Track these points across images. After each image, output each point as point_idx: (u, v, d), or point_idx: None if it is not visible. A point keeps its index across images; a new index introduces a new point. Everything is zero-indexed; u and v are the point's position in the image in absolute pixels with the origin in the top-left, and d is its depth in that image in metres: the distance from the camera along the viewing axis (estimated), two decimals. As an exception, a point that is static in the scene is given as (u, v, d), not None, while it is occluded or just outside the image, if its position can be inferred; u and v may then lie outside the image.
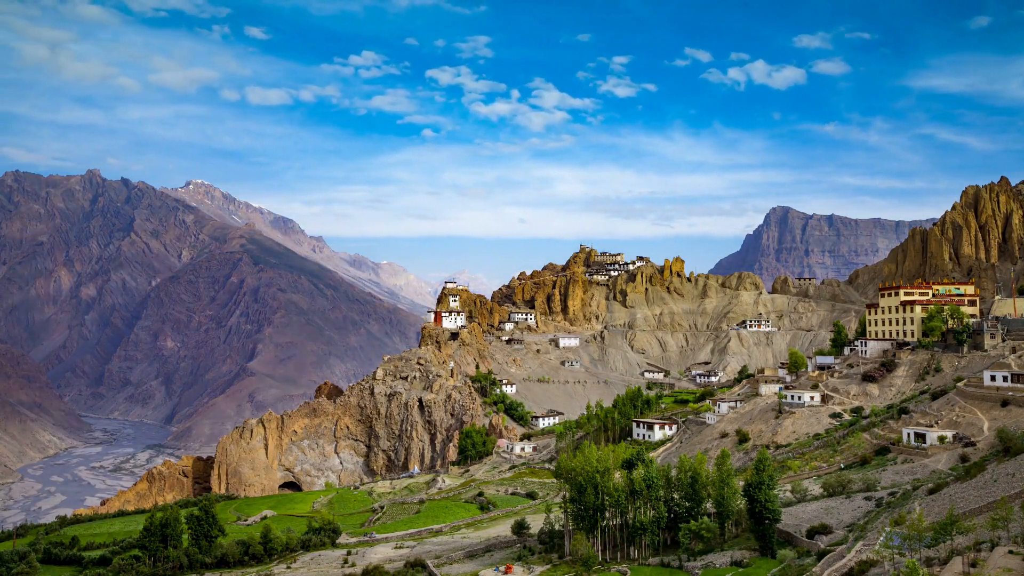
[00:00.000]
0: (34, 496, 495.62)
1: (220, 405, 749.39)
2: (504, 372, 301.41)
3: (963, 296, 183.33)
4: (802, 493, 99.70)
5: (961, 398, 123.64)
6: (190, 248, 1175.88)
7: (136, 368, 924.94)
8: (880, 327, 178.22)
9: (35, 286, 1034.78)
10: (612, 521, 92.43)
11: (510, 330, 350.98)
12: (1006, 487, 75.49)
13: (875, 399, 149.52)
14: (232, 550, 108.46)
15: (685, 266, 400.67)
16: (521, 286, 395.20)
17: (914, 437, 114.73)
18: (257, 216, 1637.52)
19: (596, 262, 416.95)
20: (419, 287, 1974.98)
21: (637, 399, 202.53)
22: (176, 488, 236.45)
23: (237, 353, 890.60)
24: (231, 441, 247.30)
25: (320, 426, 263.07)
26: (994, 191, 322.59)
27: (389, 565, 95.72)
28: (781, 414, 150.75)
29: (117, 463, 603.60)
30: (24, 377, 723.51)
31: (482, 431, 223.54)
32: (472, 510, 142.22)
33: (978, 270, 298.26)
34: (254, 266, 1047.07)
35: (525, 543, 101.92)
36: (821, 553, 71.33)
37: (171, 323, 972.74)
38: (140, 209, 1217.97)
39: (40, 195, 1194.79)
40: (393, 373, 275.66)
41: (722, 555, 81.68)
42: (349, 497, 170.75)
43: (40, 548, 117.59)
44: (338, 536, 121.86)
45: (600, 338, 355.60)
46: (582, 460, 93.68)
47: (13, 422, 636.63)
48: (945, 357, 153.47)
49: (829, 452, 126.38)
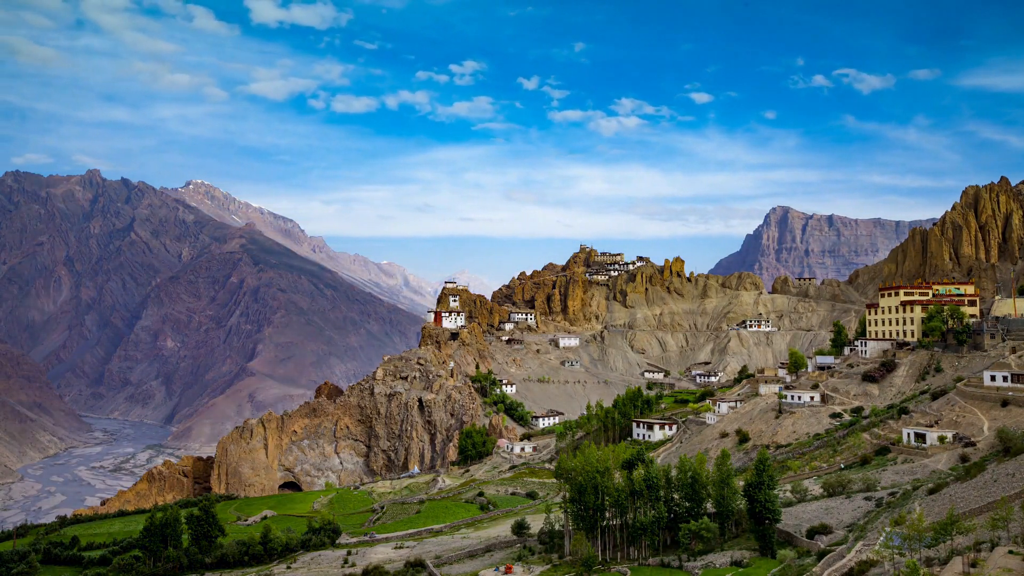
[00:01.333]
0: (34, 496, 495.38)
1: (220, 405, 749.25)
2: (504, 372, 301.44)
3: (963, 296, 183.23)
4: (802, 493, 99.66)
5: (961, 398, 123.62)
6: (190, 248, 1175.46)
7: (136, 368, 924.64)
8: (880, 327, 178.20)
9: (35, 286, 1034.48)
10: (612, 521, 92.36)
11: (510, 330, 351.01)
12: (1006, 487, 75.47)
13: (875, 399, 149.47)
14: (232, 550, 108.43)
15: (685, 266, 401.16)
16: (521, 286, 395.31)
17: (914, 437, 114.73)
18: (257, 216, 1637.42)
19: (596, 262, 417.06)
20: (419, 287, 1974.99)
21: (637, 399, 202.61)
22: (176, 488, 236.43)
23: (237, 353, 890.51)
24: (231, 441, 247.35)
25: (320, 426, 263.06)
26: (994, 191, 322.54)
27: (389, 565, 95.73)
28: (781, 414, 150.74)
29: (117, 463, 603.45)
30: (24, 377, 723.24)
31: (482, 431, 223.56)
32: (472, 510, 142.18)
33: (978, 270, 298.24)
34: (254, 266, 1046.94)
35: (525, 543, 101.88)
36: (821, 553, 71.31)
37: (171, 323, 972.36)
38: (140, 209, 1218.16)
39: (40, 195, 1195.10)
40: (393, 373, 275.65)
41: (722, 555, 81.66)
42: (349, 497, 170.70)
43: (40, 548, 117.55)
44: (338, 536, 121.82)
45: (600, 338, 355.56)
46: (582, 460, 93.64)
47: (13, 422, 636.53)
48: (945, 357, 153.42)
49: (829, 452, 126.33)
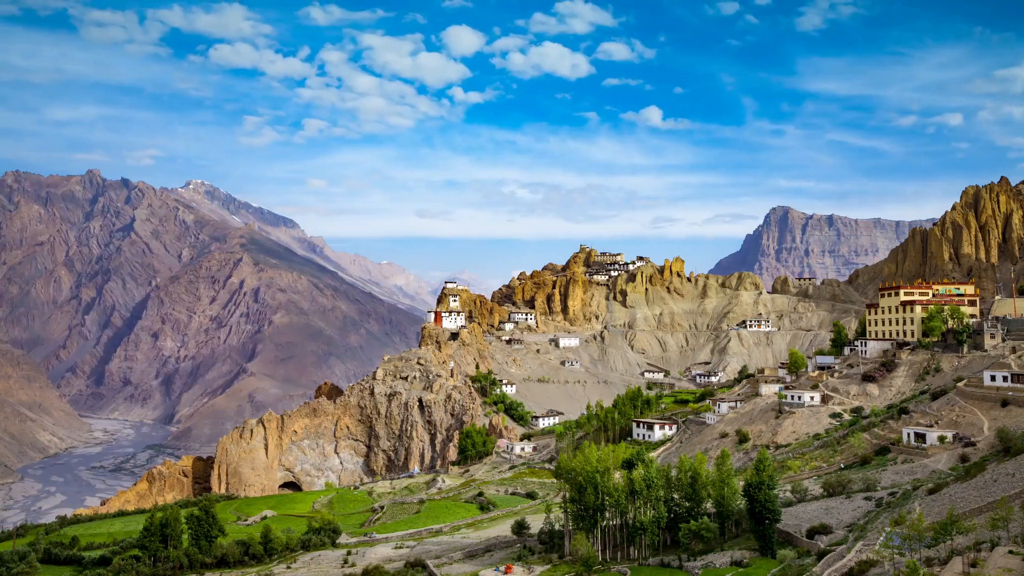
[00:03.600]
0: (34, 496, 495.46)
1: (220, 405, 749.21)
2: (504, 372, 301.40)
3: (963, 296, 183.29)
4: (802, 493, 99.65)
5: (961, 398, 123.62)
6: (190, 248, 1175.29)
7: (136, 368, 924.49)
8: (880, 327, 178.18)
9: (35, 286, 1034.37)
10: (612, 521, 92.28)
11: (510, 330, 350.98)
12: (1006, 487, 75.46)
13: (875, 399, 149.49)
14: (232, 550, 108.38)
15: (685, 266, 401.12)
16: (521, 286, 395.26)
17: (914, 437, 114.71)
18: (257, 216, 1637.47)
19: (596, 262, 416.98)
20: (419, 287, 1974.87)
21: (637, 399, 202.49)
22: (176, 488, 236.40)
23: (237, 353, 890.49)
24: (231, 441, 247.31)
25: (320, 426, 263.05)
26: (994, 191, 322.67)
27: (389, 565, 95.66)
28: (781, 414, 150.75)
29: (117, 463, 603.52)
30: (24, 377, 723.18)
31: (482, 431, 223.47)
32: (472, 510, 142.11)
33: (978, 270, 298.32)
34: (254, 266, 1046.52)
35: (525, 543, 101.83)
36: (821, 553, 71.28)
37: (171, 323, 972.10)
38: (140, 209, 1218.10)
39: (40, 195, 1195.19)
40: (393, 373, 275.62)
41: (722, 555, 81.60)
42: (349, 497, 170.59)
43: (40, 548, 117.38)
44: (338, 536, 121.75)
45: (600, 338, 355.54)
46: (582, 460, 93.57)
47: (13, 422, 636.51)
48: (945, 357, 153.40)
49: (829, 452, 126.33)
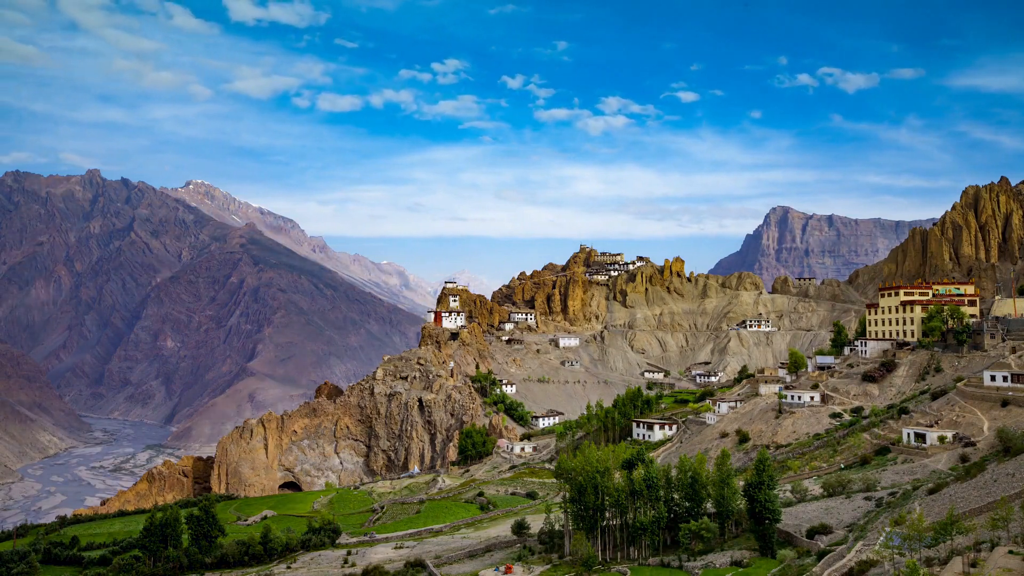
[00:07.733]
0: (34, 496, 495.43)
1: (220, 405, 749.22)
2: (504, 372, 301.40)
3: (963, 296, 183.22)
4: (802, 493, 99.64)
5: (961, 398, 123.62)
6: (190, 248, 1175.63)
7: (136, 368, 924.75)
8: (880, 327, 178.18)
9: (35, 286, 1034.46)
10: (612, 521, 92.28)
11: (510, 330, 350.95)
12: (1006, 487, 75.44)
13: (875, 399, 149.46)
14: (232, 550, 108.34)
15: (685, 266, 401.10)
16: (521, 286, 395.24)
17: (914, 437, 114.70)
18: (257, 216, 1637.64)
19: (596, 262, 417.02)
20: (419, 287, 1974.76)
21: (637, 399, 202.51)
22: (176, 488, 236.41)
23: (237, 353, 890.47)
24: (231, 441, 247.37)
25: (320, 426, 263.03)
26: (994, 191, 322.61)
27: (389, 565, 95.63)
28: (781, 414, 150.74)
29: (117, 463, 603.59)
30: (24, 377, 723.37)
31: (482, 431, 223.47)
32: (472, 510, 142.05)
33: (978, 270, 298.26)
34: (254, 266, 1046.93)
35: (525, 543, 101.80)
36: (821, 553, 71.26)
37: (171, 323, 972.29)
38: (140, 209, 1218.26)
39: (40, 195, 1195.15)
40: (393, 373, 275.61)
41: (722, 555, 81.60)
42: (349, 497, 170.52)
43: (40, 548, 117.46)
44: (338, 536, 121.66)
45: (600, 338, 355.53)
46: (582, 460, 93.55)
47: (13, 422, 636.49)
48: (945, 357, 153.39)
49: (829, 452, 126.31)
